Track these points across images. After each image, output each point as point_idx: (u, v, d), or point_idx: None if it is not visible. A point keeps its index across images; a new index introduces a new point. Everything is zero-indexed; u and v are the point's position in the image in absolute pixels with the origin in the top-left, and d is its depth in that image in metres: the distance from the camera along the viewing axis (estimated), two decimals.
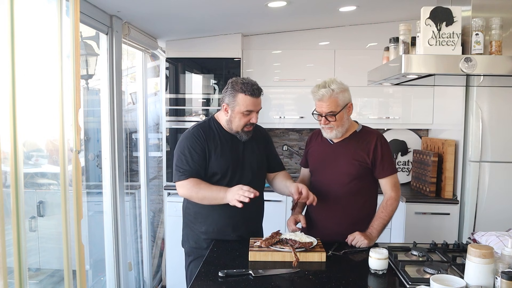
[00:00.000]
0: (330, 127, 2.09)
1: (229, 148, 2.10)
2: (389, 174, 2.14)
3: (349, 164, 2.12)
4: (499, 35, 1.83)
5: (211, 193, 1.97)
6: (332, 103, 2.04)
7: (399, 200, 2.17)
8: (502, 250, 1.48)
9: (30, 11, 1.82)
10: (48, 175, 2.49)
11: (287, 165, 4.15)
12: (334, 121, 2.07)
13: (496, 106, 2.97)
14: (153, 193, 3.98)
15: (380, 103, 3.73)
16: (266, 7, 2.79)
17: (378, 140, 2.13)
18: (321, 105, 2.06)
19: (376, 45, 3.54)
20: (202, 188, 1.99)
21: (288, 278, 1.69)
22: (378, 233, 2.08)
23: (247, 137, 2.11)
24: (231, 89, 2.03)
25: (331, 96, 2.03)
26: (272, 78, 3.71)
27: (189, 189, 2.01)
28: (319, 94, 2.05)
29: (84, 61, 2.98)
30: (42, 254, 2.54)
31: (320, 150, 2.24)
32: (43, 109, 2.03)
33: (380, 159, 2.11)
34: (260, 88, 2.04)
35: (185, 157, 2.03)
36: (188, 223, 2.19)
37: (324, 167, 2.20)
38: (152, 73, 4.13)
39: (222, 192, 1.94)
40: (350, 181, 2.13)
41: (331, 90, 2.03)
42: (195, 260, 2.13)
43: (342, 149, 2.16)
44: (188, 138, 2.07)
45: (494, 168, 2.99)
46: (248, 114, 2.03)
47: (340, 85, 2.07)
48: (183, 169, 2.02)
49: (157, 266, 3.94)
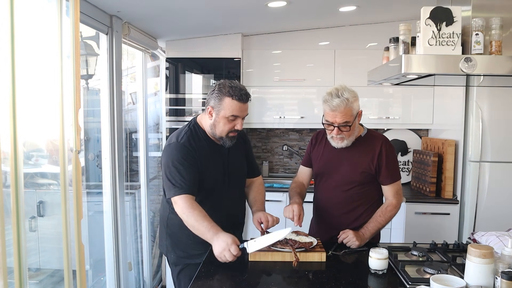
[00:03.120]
0: (341, 138, 2.01)
1: (217, 159, 2.02)
2: (392, 181, 2.10)
3: (353, 170, 2.08)
4: (499, 35, 1.83)
5: (199, 227, 1.82)
6: (347, 113, 1.94)
7: (399, 208, 2.12)
8: (502, 250, 1.48)
9: (30, 11, 1.82)
10: (48, 175, 2.49)
11: (287, 165, 4.16)
12: (347, 131, 1.99)
13: (496, 106, 2.97)
14: (153, 193, 3.98)
15: (380, 103, 3.73)
16: (266, 7, 2.79)
17: (383, 146, 2.08)
18: (335, 115, 1.95)
19: (376, 45, 3.55)
20: (194, 216, 1.83)
21: (288, 278, 1.69)
22: (370, 235, 2.05)
23: (231, 143, 2.00)
24: (218, 92, 1.91)
25: (346, 106, 1.93)
26: (272, 78, 3.71)
27: (183, 208, 1.86)
28: (333, 104, 1.93)
29: (84, 61, 2.97)
30: (42, 254, 2.53)
31: (325, 154, 2.18)
32: (43, 109, 2.03)
33: (385, 165, 2.06)
34: (248, 94, 1.94)
35: (177, 170, 1.89)
36: (171, 234, 2.08)
37: (328, 172, 2.16)
38: (152, 73, 4.13)
39: (210, 233, 1.79)
40: (353, 187, 2.09)
41: (346, 100, 1.92)
42: (184, 269, 2.04)
43: (347, 154, 2.09)
44: (179, 149, 1.92)
45: (494, 168, 2.99)
46: (233, 120, 1.92)
47: (353, 94, 1.97)
48: (177, 183, 1.88)
49: (157, 266, 3.93)
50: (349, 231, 2.00)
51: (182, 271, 2.06)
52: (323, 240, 2.01)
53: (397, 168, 2.14)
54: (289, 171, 4.15)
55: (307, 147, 2.33)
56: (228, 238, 1.73)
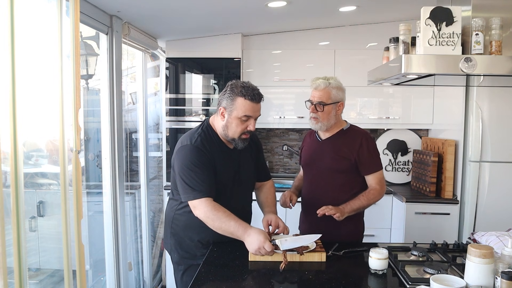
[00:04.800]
0: (315, 118, 2.18)
1: (230, 162, 2.00)
2: (373, 171, 2.19)
3: (334, 159, 2.20)
4: (499, 35, 1.83)
5: (227, 228, 1.81)
6: (325, 94, 2.14)
7: (382, 195, 2.20)
8: (502, 250, 1.48)
9: (30, 11, 1.82)
10: (48, 175, 2.49)
11: (287, 165, 4.16)
12: (321, 111, 2.15)
13: (496, 106, 2.97)
14: (153, 193, 3.98)
15: (380, 103, 3.73)
16: (266, 7, 2.79)
17: (364, 139, 2.19)
18: (315, 93, 2.17)
19: (376, 45, 3.55)
20: (220, 218, 1.81)
21: (288, 278, 1.69)
22: (350, 211, 2.09)
23: (243, 145, 1.98)
24: (230, 92, 1.89)
25: (326, 88, 2.14)
26: (272, 78, 3.71)
27: (206, 212, 1.82)
28: (316, 83, 2.17)
29: (84, 61, 2.97)
30: (42, 254, 2.53)
31: (310, 147, 2.34)
32: (43, 109, 2.03)
33: (365, 156, 2.17)
34: (261, 94, 1.93)
35: (194, 173, 1.84)
36: (175, 234, 2.06)
37: (313, 163, 2.29)
38: (152, 73, 4.14)
39: (240, 230, 1.79)
40: (335, 176, 2.20)
41: (327, 82, 2.15)
42: (188, 270, 2.03)
43: (329, 145, 2.24)
44: (194, 151, 1.88)
45: (494, 168, 2.99)
46: (245, 120, 1.90)
47: (338, 82, 2.18)
48: (197, 186, 1.84)
49: (157, 266, 3.93)
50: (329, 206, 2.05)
51: (186, 272, 2.05)
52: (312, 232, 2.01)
53: (379, 159, 2.23)
54: (289, 171, 4.15)
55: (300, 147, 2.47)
56: (260, 236, 1.76)
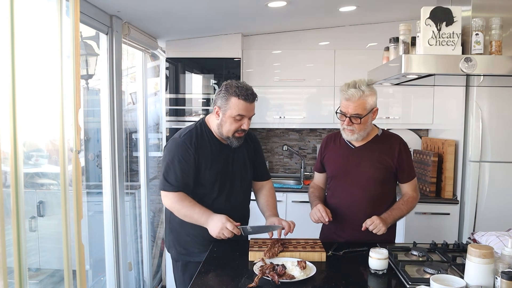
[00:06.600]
0: (351, 130, 2.02)
1: (219, 159, 2.03)
2: (412, 178, 2.14)
3: (374, 168, 2.07)
4: (499, 35, 1.83)
5: (192, 214, 1.91)
6: (360, 105, 1.97)
7: (417, 201, 2.16)
8: (502, 250, 1.48)
9: (30, 11, 1.82)
10: (48, 175, 2.49)
11: (287, 165, 4.16)
12: (358, 124, 1.99)
13: (496, 106, 2.97)
14: (153, 193, 3.98)
15: (380, 103, 3.70)
16: (266, 7, 2.79)
17: (402, 145, 2.12)
18: (348, 105, 1.98)
19: (376, 45, 3.55)
20: (185, 206, 1.92)
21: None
22: (392, 221, 2.03)
23: (238, 144, 2.02)
24: (225, 91, 1.94)
25: (360, 98, 1.96)
26: (272, 78, 3.71)
27: (173, 202, 1.95)
28: (348, 93, 1.97)
29: (84, 61, 2.97)
30: (42, 254, 2.54)
31: (340, 154, 2.16)
32: (43, 109, 2.03)
33: (405, 164, 2.10)
34: (254, 94, 1.97)
35: (174, 167, 1.95)
36: (173, 229, 2.11)
37: (347, 172, 2.13)
38: (152, 73, 4.13)
39: (204, 217, 1.89)
40: (374, 185, 2.08)
41: (361, 92, 1.96)
42: (185, 267, 2.06)
43: (366, 153, 2.10)
44: (179, 146, 1.97)
45: (494, 168, 2.99)
46: (239, 120, 1.95)
47: (370, 88, 2.00)
48: (171, 180, 1.95)
49: (157, 266, 3.93)
50: (375, 216, 1.97)
51: (183, 269, 2.07)
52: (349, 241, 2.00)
53: (413, 166, 2.19)
54: (289, 171, 4.15)
55: (318, 153, 2.29)
56: (222, 217, 1.85)
